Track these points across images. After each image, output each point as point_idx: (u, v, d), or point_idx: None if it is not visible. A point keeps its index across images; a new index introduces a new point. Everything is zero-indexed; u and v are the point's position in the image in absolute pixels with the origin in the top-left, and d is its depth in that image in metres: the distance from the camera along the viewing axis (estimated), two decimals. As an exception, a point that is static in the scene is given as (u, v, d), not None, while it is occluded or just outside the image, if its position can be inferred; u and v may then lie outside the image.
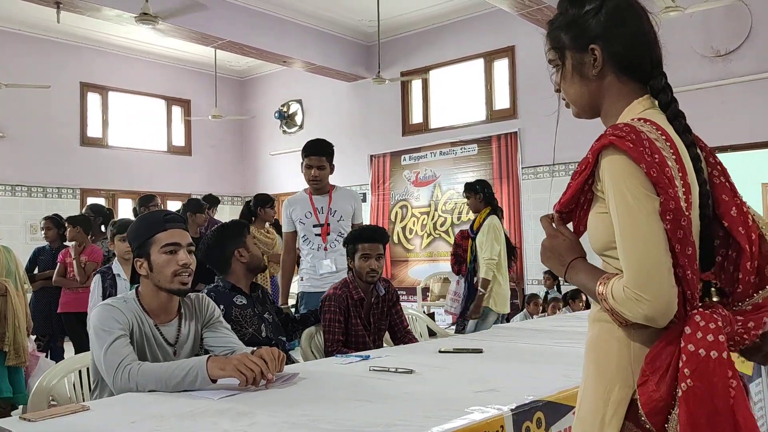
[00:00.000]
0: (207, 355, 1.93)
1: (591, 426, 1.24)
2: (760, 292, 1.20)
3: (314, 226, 3.80)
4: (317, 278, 3.79)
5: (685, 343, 1.10)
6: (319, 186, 3.79)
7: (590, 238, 1.26)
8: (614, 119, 1.28)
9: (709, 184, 1.24)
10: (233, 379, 1.91)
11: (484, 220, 4.98)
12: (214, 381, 1.88)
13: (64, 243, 5.81)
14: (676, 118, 1.24)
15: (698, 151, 1.25)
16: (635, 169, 1.12)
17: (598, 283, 1.19)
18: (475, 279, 5.02)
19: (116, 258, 4.28)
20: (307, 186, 3.87)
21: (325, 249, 3.77)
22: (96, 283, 4.08)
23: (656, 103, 1.27)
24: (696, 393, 1.07)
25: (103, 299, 3.97)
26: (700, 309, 1.13)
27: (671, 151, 1.17)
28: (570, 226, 1.31)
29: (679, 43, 6.56)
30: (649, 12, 1.30)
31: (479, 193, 5.06)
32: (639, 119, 1.21)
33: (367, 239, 3.17)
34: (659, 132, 1.18)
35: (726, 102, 6.44)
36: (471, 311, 4.93)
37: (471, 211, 5.20)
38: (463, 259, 5.29)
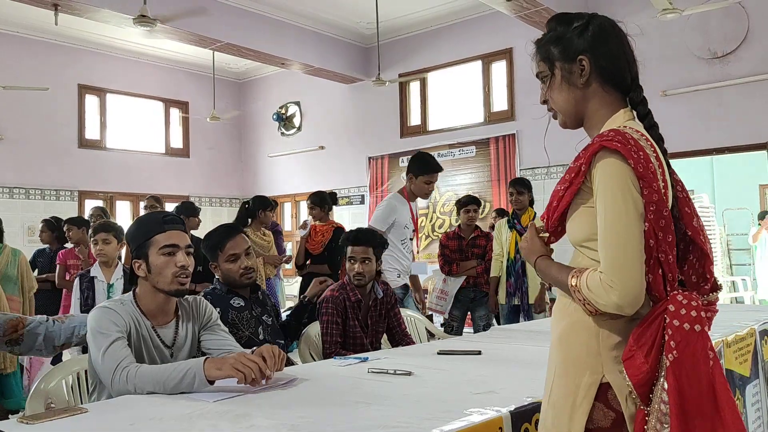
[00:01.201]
0: (204, 357, 1.93)
1: (562, 408, 1.36)
2: (713, 294, 1.39)
3: (412, 230, 4.21)
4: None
5: (670, 319, 1.24)
6: (426, 199, 4.27)
7: (572, 229, 1.40)
8: (598, 126, 1.42)
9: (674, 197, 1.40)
10: (232, 380, 1.91)
11: (533, 219, 5.17)
12: (211, 382, 1.88)
13: (64, 245, 5.80)
14: (652, 127, 1.41)
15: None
16: (625, 168, 1.27)
17: (570, 275, 1.34)
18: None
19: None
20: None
21: (417, 252, 4.19)
22: (75, 286, 4.14)
23: (635, 115, 1.42)
24: (682, 363, 1.22)
25: (81, 301, 4.04)
26: (680, 290, 1.29)
27: (652, 149, 1.33)
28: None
29: (677, 45, 6.58)
30: (627, 34, 1.46)
31: (530, 192, 5.31)
32: (624, 127, 1.36)
33: (353, 241, 3.17)
34: (640, 134, 1.34)
35: (723, 104, 6.45)
36: (537, 306, 5.13)
37: (518, 208, 5.27)
38: (452, 259, 5.32)
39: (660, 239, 1.27)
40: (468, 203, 5.43)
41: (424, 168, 4.18)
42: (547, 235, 1.48)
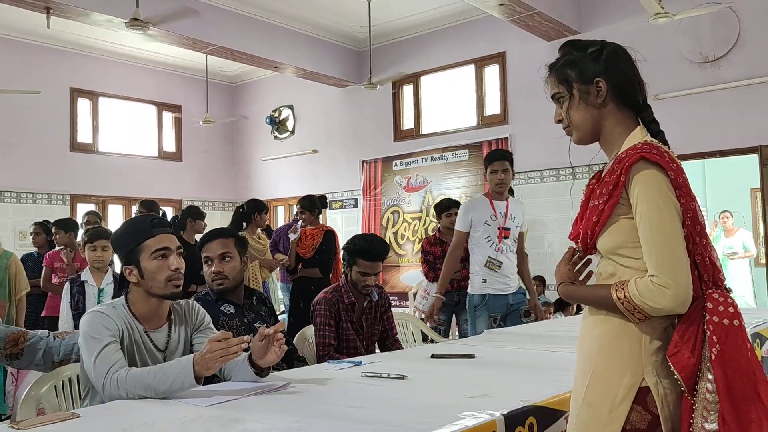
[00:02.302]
0: (191, 358, 1.90)
1: (600, 407, 1.43)
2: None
3: (497, 227, 4.14)
4: (501, 280, 4.11)
5: (710, 316, 1.36)
6: (503, 190, 4.17)
7: (607, 238, 1.48)
8: (617, 143, 1.53)
9: None
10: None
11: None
12: (199, 380, 1.88)
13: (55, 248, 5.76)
14: (664, 144, 1.52)
15: None
16: (664, 179, 1.39)
17: (613, 290, 1.42)
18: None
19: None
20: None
21: (501, 251, 4.12)
22: (66, 290, 4.15)
23: (648, 133, 1.53)
24: (725, 356, 1.32)
25: (71, 306, 4.03)
26: (714, 289, 1.40)
27: (679, 162, 1.45)
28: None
29: (668, 49, 6.61)
30: (635, 60, 1.58)
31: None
32: (651, 141, 1.47)
33: (370, 258, 3.11)
34: (666, 148, 1.47)
35: (715, 107, 6.48)
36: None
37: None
38: (436, 266, 5.34)
39: (697, 243, 1.40)
40: (450, 207, 5.43)
41: (485, 159, 4.21)
42: (585, 259, 1.59)
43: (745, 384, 1.32)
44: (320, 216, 5.88)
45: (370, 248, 3.14)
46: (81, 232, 5.63)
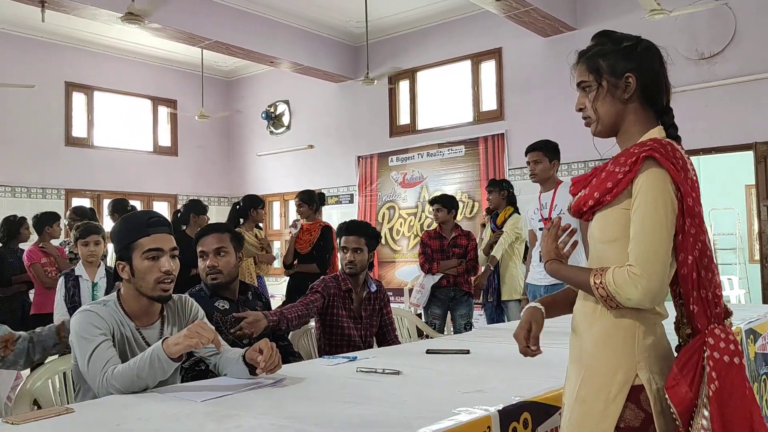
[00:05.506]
0: (163, 338, 1.91)
1: (594, 404, 1.43)
2: (727, 320, 1.46)
3: (538, 221, 4.09)
4: (537, 272, 4.10)
5: (710, 352, 1.35)
6: (536, 180, 4.11)
7: (600, 227, 1.49)
8: (634, 139, 1.51)
9: None
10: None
11: (509, 217, 5.38)
12: (179, 358, 1.88)
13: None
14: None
15: None
16: (665, 175, 1.39)
17: (592, 275, 1.43)
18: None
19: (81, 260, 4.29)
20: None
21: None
22: (60, 285, 4.15)
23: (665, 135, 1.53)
24: (723, 393, 1.32)
25: (65, 300, 4.03)
26: (717, 324, 1.39)
27: (690, 163, 1.46)
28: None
29: (665, 46, 6.61)
30: (666, 62, 1.59)
31: (504, 190, 5.42)
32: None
33: (344, 232, 3.23)
34: (680, 147, 1.47)
35: (710, 104, 6.49)
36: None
37: (491, 207, 5.54)
38: (433, 258, 5.37)
39: (702, 277, 1.40)
40: (432, 202, 5.51)
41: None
42: (570, 229, 1.61)
43: (741, 423, 1.33)
44: (318, 212, 5.86)
45: (346, 224, 3.30)
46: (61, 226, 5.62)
